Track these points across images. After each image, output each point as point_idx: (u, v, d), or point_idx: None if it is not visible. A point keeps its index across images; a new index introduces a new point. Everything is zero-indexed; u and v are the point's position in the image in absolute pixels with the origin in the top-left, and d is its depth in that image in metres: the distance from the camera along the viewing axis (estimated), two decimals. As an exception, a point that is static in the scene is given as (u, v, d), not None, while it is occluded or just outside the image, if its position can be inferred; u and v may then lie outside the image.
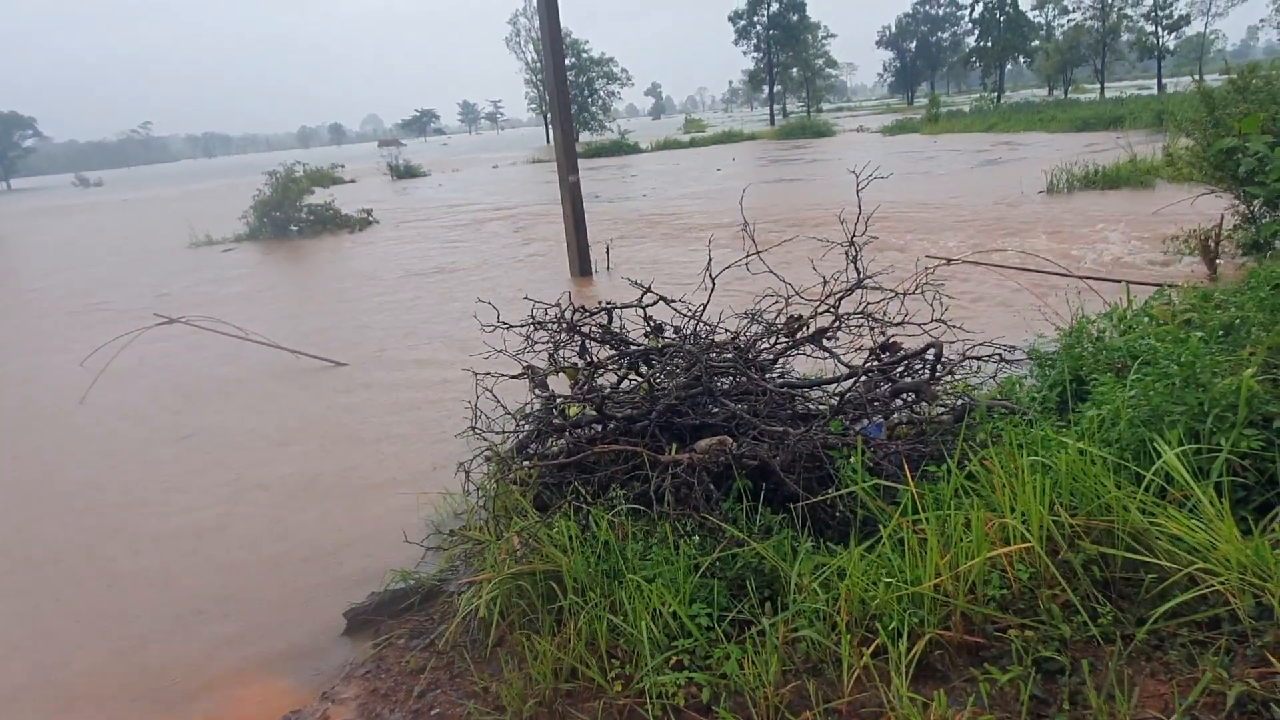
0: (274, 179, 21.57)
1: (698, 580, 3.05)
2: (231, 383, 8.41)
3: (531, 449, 4.34)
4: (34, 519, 5.66)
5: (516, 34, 75.59)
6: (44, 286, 16.94)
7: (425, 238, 18.99)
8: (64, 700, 3.70)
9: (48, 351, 10.60)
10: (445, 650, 3.53)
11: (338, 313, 11.54)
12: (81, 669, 3.91)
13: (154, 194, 55.78)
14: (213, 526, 5.22)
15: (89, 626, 4.26)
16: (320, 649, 3.87)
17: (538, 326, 4.51)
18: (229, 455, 6.44)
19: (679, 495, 3.54)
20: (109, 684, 3.77)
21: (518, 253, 15.45)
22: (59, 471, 6.49)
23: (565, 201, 12.28)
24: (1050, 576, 2.47)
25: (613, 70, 79.97)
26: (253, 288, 14.42)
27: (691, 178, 29.54)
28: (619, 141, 53.38)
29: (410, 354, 8.84)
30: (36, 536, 5.37)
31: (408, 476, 5.57)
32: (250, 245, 20.42)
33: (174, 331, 9.88)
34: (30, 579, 4.83)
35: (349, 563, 4.57)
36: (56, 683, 3.83)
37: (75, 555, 5.05)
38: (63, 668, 3.94)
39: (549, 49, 11.97)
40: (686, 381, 4.14)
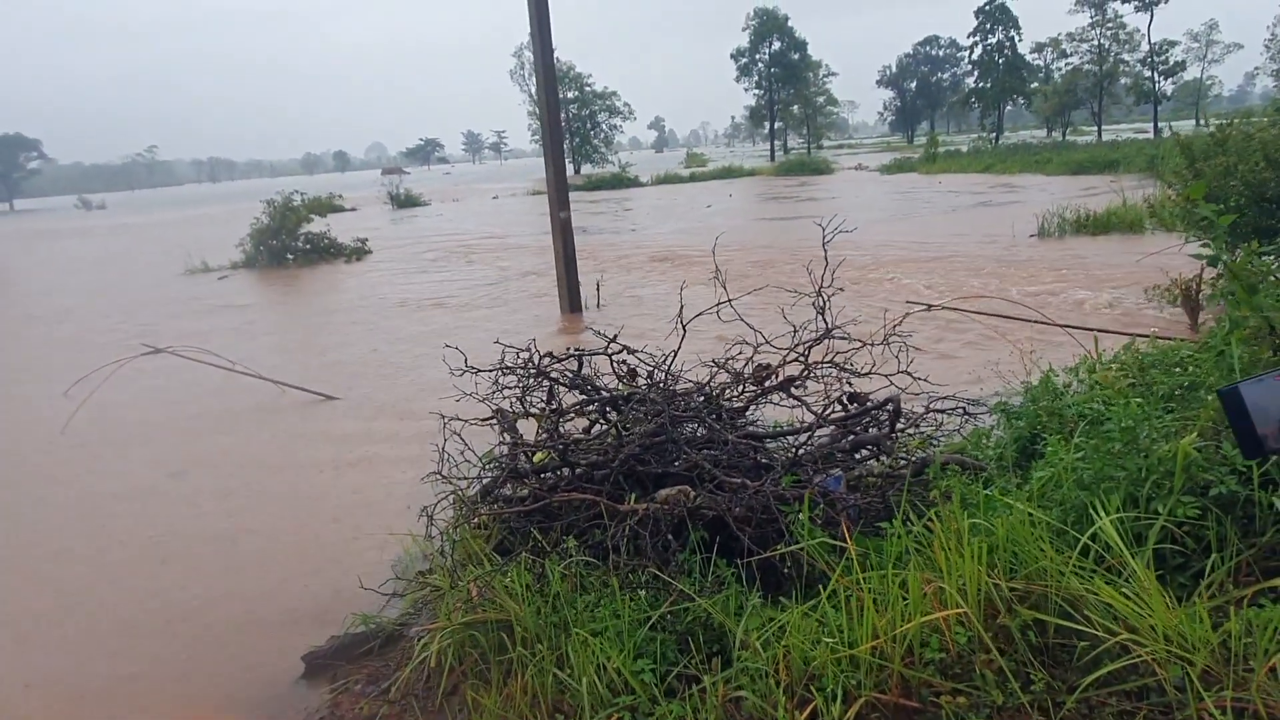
0: (272, 207, 21.74)
1: (647, 634, 3.05)
2: (214, 415, 8.42)
3: (496, 494, 4.36)
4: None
5: (520, 66, 76.43)
6: (31, 311, 17.00)
7: (420, 269, 19.10)
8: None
9: (29, 379, 10.62)
10: (398, 699, 3.52)
11: (326, 345, 11.58)
12: (20, 705, 3.89)
13: (155, 218, 56.10)
14: (175, 562, 5.21)
15: (37, 668, 4.24)
16: (276, 693, 3.86)
17: (506, 371, 4.55)
18: (201, 489, 6.44)
19: (635, 546, 3.56)
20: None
21: (510, 286, 15.54)
22: (31, 500, 6.49)
23: (556, 238, 12.37)
24: (986, 642, 2.49)
25: (615, 104, 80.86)
26: (245, 317, 14.48)
27: (685, 213, 29.76)
28: (620, 175, 53.87)
29: (395, 390, 8.87)
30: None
31: (381, 516, 5.56)
32: (245, 273, 20.52)
33: (161, 361, 9.92)
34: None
35: (312, 604, 4.56)
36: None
37: (28, 590, 5.04)
38: (13, 710, 3.92)
39: (543, 90, 12.14)
40: (651, 429, 4.17)
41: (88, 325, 14.42)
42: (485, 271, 17.88)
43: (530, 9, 11.73)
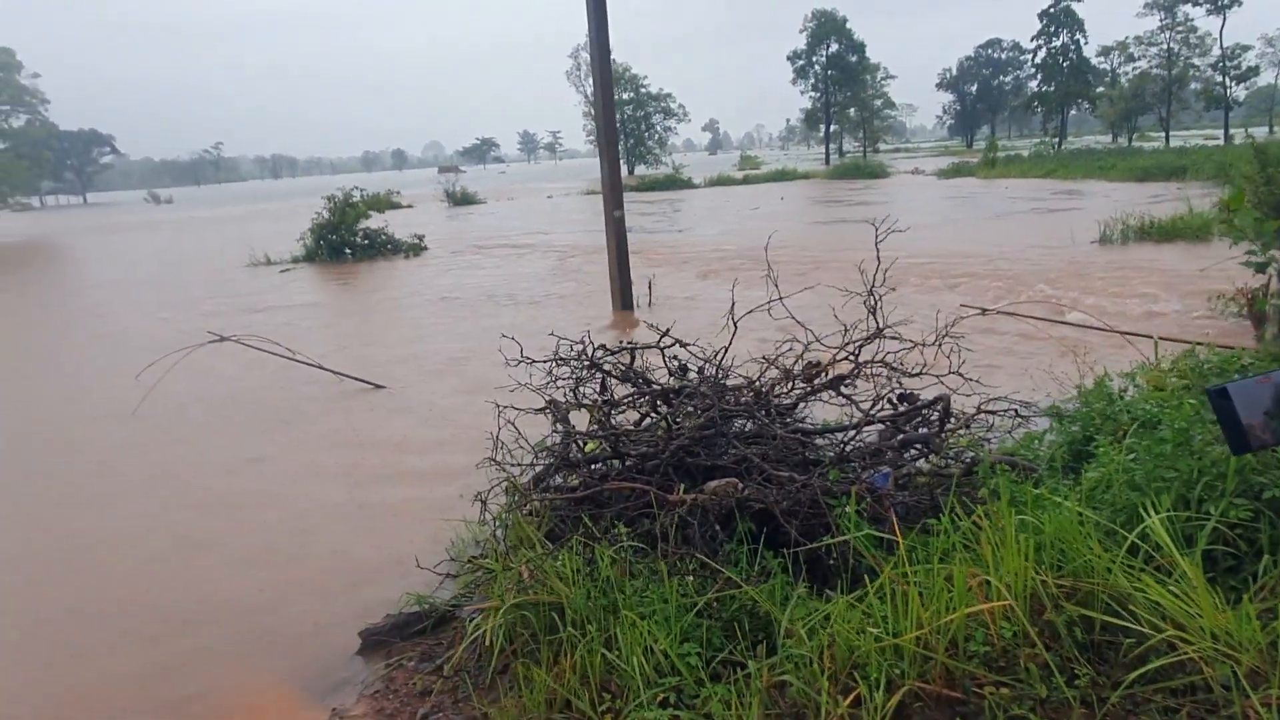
0: (332, 203, 22.24)
1: (692, 620, 3.13)
2: (274, 401, 8.70)
3: (548, 482, 4.47)
4: (64, 524, 5.93)
5: (577, 68, 76.96)
6: (104, 300, 17.67)
7: (474, 266, 19.40)
8: (65, 700, 3.88)
9: (103, 364, 11.07)
10: (451, 675, 3.64)
11: (382, 337, 11.87)
12: (98, 680, 4.09)
13: (220, 213, 57.70)
14: (240, 541, 5.42)
15: (106, 636, 4.45)
16: (334, 666, 4.01)
17: (560, 363, 4.65)
18: (260, 471, 6.68)
19: (683, 535, 3.63)
20: (126, 695, 3.94)
21: (563, 284, 15.71)
22: (100, 479, 6.79)
23: (610, 236, 12.50)
24: (1031, 636, 2.51)
25: (670, 105, 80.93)
26: (304, 309, 14.87)
27: (737, 215, 29.71)
28: (673, 176, 53.92)
29: (449, 381, 9.07)
30: (62, 538, 5.63)
31: (434, 502, 5.71)
32: (306, 267, 21.05)
33: (226, 349, 10.25)
34: (55, 587, 5.06)
35: (369, 583, 4.71)
36: (73, 690, 4.02)
37: (97, 562, 5.29)
38: (69, 672, 4.13)
39: (599, 89, 12.27)
40: (701, 423, 4.24)
41: (156, 314, 14.94)
42: (538, 269, 18.10)
43: (588, 11, 11.87)
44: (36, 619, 4.65)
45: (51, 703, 3.89)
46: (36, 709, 3.85)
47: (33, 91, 48.44)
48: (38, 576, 5.20)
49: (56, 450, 7.78)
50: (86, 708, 3.83)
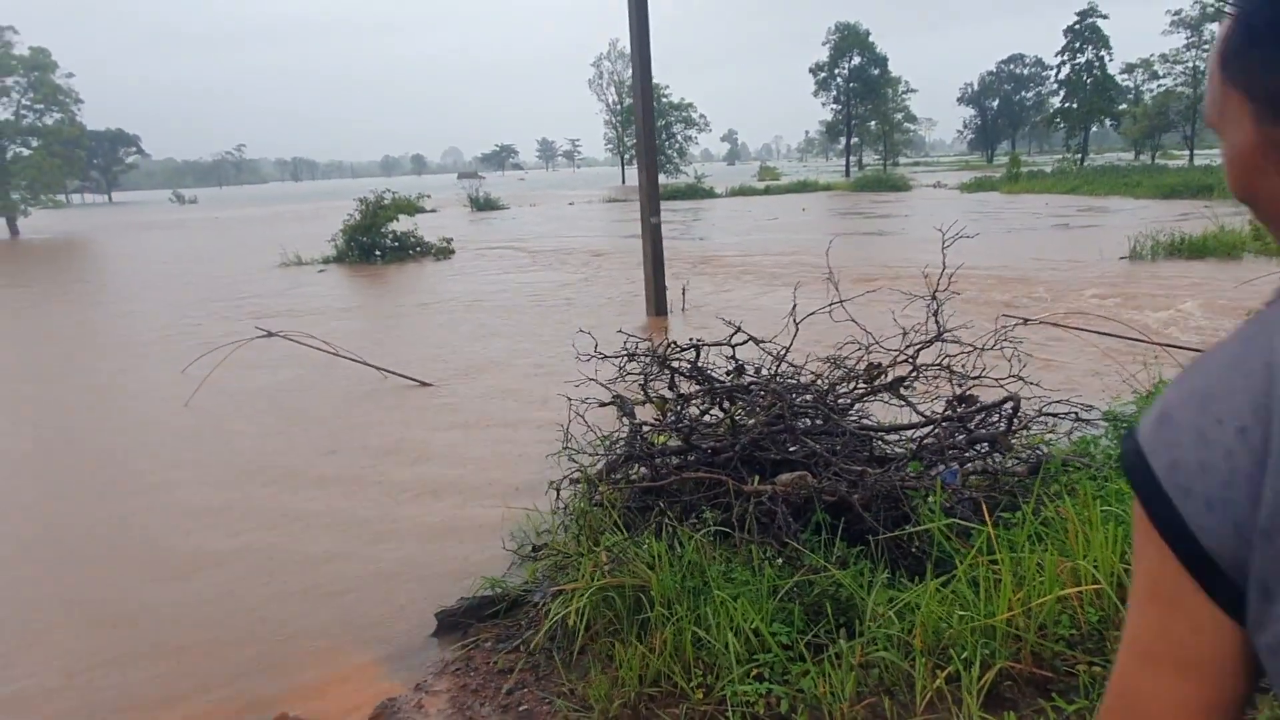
0: (365, 205, 22.51)
1: (776, 604, 3.25)
2: (322, 396, 8.88)
3: (618, 473, 4.60)
4: (143, 510, 6.11)
5: (599, 76, 77.41)
6: (145, 295, 17.97)
7: (503, 269, 19.61)
8: (172, 673, 4.03)
9: (154, 358, 11.29)
10: (532, 654, 3.78)
11: (420, 336, 12.05)
12: (193, 646, 4.25)
13: (244, 213, 58.29)
14: (313, 528, 5.58)
15: (200, 608, 4.62)
16: (413, 645, 4.15)
17: (631, 358, 4.80)
18: (318, 464, 6.84)
19: (760, 523, 3.76)
20: (218, 662, 4.10)
21: (594, 289, 15.87)
22: (167, 469, 6.98)
23: (646, 242, 12.66)
24: (1119, 619, 2.62)
25: (691, 115, 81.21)
26: (342, 307, 15.10)
27: (762, 225, 29.84)
28: (694, 185, 54.12)
29: (490, 377, 9.23)
30: (149, 524, 5.80)
31: (494, 492, 5.86)
32: (337, 268, 21.31)
33: (268, 345, 10.46)
34: (151, 565, 5.23)
35: (439, 569, 4.86)
36: (166, 658, 4.17)
37: (186, 544, 5.46)
38: (175, 644, 4.29)
39: (640, 100, 12.44)
40: (768, 419, 4.37)
41: (197, 310, 15.20)
42: (567, 274, 18.28)
43: (630, 23, 12.06)
44: (123, 593, 4.82)
45: (148, 671, 4.05)
46: (136, 677, 4.01)
47: (66, 91, 49.09)
48: (116, 560, 5.37)
49: (116, 441, 7.98)
50: (181, 674, 3.98)
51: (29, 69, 47.41)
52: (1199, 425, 0.66)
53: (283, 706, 3.70)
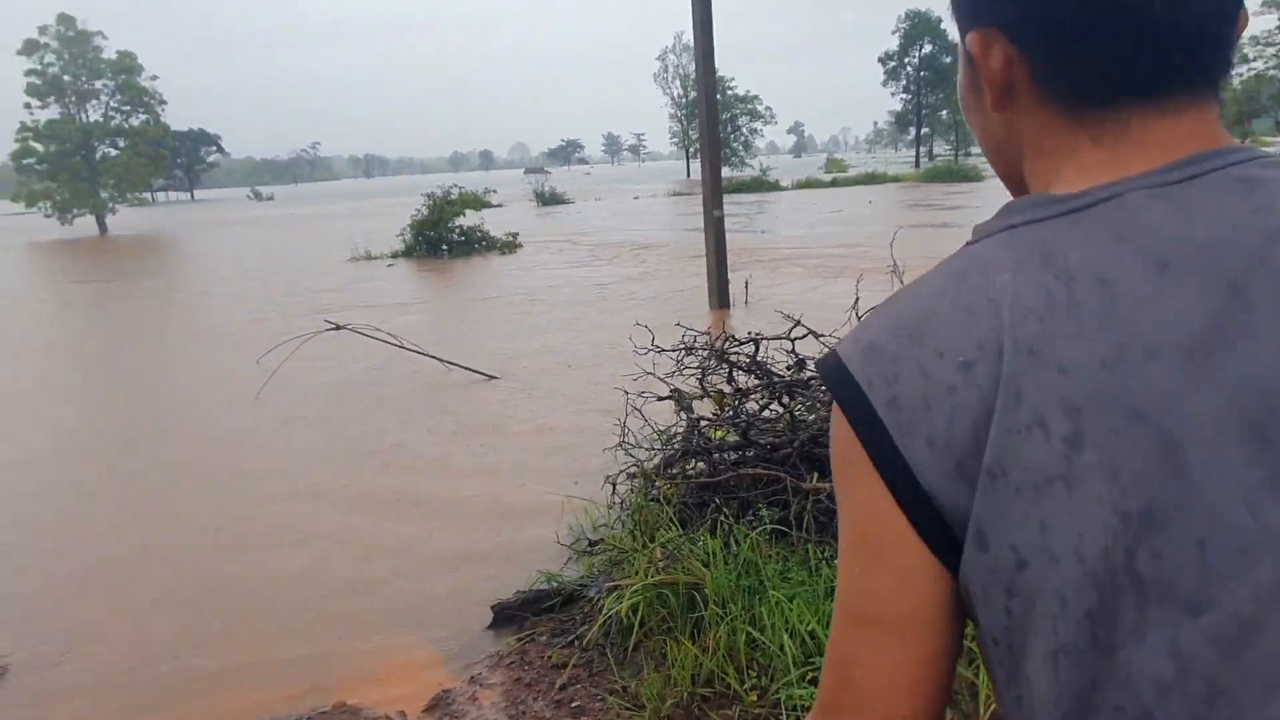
0: (432, 200, 22.86)
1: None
2: (387, 388, 9.03)
3: (675, 468, 4.55)
4: (213, 499, 6.28)
5: (664, 70, 77.26)
6: (222, 289, 18.55)
7: (568, 263, 19.70)
8: (235, 657, 4.12)
9: (228, 350, 11.64)
10: (586, 649, 3.75)
11: (484, 330, 12.17)
12: (255, 631, 4.34)
13: (318, 209, 59.81)
14: (374, 519, 5.66)
15: (264, 594, 4.71)
16: (469, 637, 4.16)
17: (688, 352, 4.73)
18: (382, 456, 6.94)
19: (819, 522, 3.66)
20: (279, 648, 4.17)
21: (657, 282, 15.83)
22: (237, 458, 7.16)
23: (709, 235, 12.56)
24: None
25: (756, 108, 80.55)
26: (409, 301, 15.35)
27: (827, 218, 29.41)
28: (759, 179, 53.68)
29: (554, 372, 9.25)
30: (219, 511, 5.96)
31: (550, 485, 5.86)
32: (405, 263, 21.68)
33: (339, 337, 10.67)
34: (219, 550, 5.37)
35: (496, 561, 4.87)
36: (229, 643, 4.26)
37: (252, 531, 5.59)
38: (238, 629, 4.38)
39: (703, 93, 12.34)
40: (828, 415, 4.26)
41: (271, 303, 15.62)
42: (631, 267, 18.27)
43: (694, 16, 11.96)
44: (191, 577, 4.96)
45: (211, 654, 4.14)
46: (200, 660, 4.11)
47: (151, 92, 51.02)
48: (185, 544, 5.53)
49: (191, 431, 8.23)
50: (244, 659, 4.06)
51: (116, 72, 49.42)
52: (916, 359, 0.63)
53: (341, 694, 3.74)
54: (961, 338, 0.62)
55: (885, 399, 0.64)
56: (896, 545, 0.65)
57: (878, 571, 0.66)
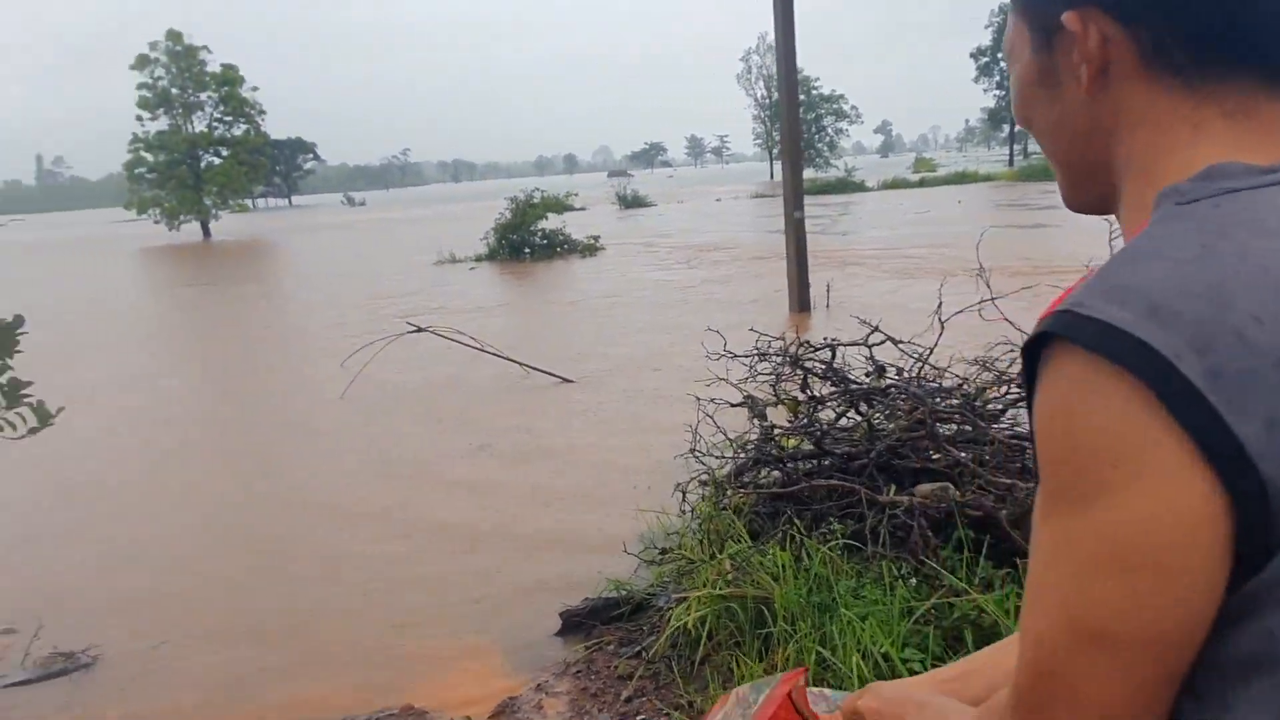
0: (514, 204, 23.16)
1: (909, 626, 3.01)
2: (466, 390, 9.14)
3: (747, 477, 4.44)
4: (295, 498, 6.44)
5: (748, 70, 76.74)
6: (312, 292, 19.16)
7: (648, 265, 19.69)
8: (308, 654, 4.18)
9: (316, 351, 11.98)
10: (653, 661, 3.68)
11: (563, 333, 12.24)
12: (329, 630, 4.40)
13: (407, 214, 61.39)
14: (448, 522, 5.71)
15: (339, 594, 4.79)
16: (536, 644, 4.13)
17: (761, 357, 4.62)
18: (458, 457, 7.01)
19: (895, 537, 3.51)
20: (351, 648, 4.22)
21: (737, 285, 15.68)
22: (318, 458, 7.34)
23: (789, 236, 12.36)
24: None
25: (842, 107, 79.26)
26: (490, 304, 15.57)
27: (917, 218, 28.68)
28: (844, 180, 52.79)
29: (630, 375, 9.22)
30: (300, 510, 6.11)
31: (623, 491, 5.82)
32: (488, 265, 22.02)
33: (421, 339, 10.87)
34: (296, 549, 5.50)
35: (566, 566, 4.84)
36: (303, 639, 4.34)
37: (329, 531, 5.70)
38: (313, 627, 4.45)
39: (784, 93, 12.16)
40: (908, 425, 4.09)
41: (358, 305, 16.06)
42: (711, 270, 18.14)
43: (775, 16, 11.78)
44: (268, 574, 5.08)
45: (285, 649, 4.22)
46: (273, 654, 4.19)
47: (252, 103, 53.22)
48: (265, 542, 5.68)
49: (276, 432, 8.49)
50: (316, 656, 4.13)
51: (220, 84, 51.71)
52: (1230, 323, 0.54)
53: (408, 697, 3.76)
54: (1267, 299, 0.55)
55: (1203, 370, 0.53)
56: (1186, 561, 0.55)
57: (1144, 592, 0.56)
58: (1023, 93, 0.76)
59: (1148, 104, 0.66)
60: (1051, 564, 0.60)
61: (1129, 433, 0.55)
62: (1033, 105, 0.75)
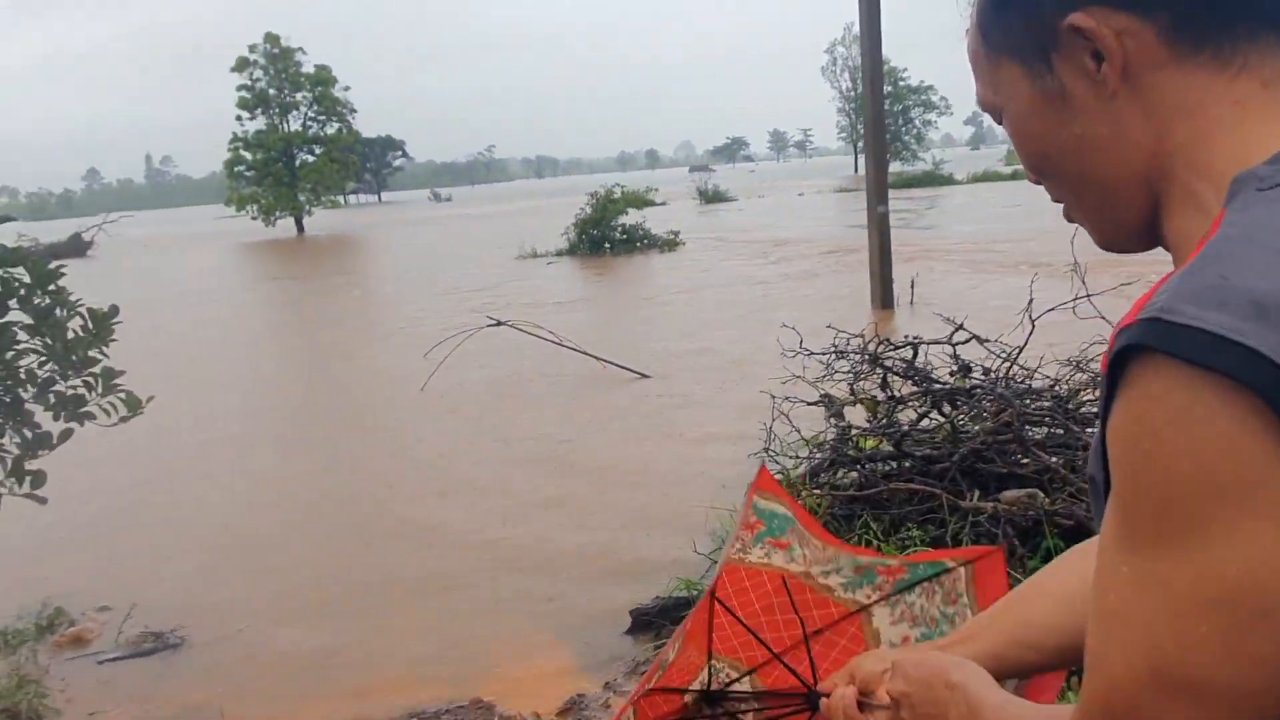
0: (595, 199, 23.27)
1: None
2: (543, 384, 9.20)
3: (823, 478, 4.32)
4: (377, 489, 6.57)
5: (833, 62, 75.51)
6: (398, 286, 19.62)
7: (727, 261, 19.53)
8: (383, 646, 4.24)
9: (399, 344, 12.25)
10: (722, 663, 3.60)
11: (641, 328, 12.22)
12: (403, 622, 4.46)
13: (491, 209, 62.40)
14: (523, 517, 5.73)
15: (414, 588, 4.85)
16: (605, 642, 4.11)
17: (839, 355, 4.49)
18: (530, 452, 7.05)
19: (978, 544, 3.35)
20: (423, 641, 4.26)
21: (818, 281, 15.42)
22: (399, 449, 7.48)
23: (872, 231, 12.08)
24: None
25: (930, 98, 77.29)
26: (570, 298, 15.67)
27: (1007, 212, 27.73)
28: (931, 173, 51.46)
29: (706, 372, 9.14)
30: (380, 501, 6.23)
31: (695, 490, 5.74)
32: (568, 260, 22.18)
33: (501, 333, 10.99)
34: (366, 541, 5.60)
35: (638, 565, 4.81)
36: (380, 632, 4.40)
37: (406, 528, 5.79)
38: (388, 619, 4.52)
39: (869, 84, 11.89)
40: (994, 427, 3.92)
41: (439, 299, 16.37)
42: (791, 266, 17.89)
43: (861, 3, 11.51)
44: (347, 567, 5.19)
45: (361, 640, 4.30)
46: (349, 644, 4.27)
47: (344, 102, 54.87)
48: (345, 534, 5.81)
49: (362, 422, 8.70)
50: (391, 648, 4.19)
51: (314, 85, 53.39)
52: None
53: (477, 690, 3.78)
54: None
55: None
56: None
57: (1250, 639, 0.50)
58: (1030, 130, 0.69)
59: (1181, 91, 0.61)
60: (1135, 601, 0.54)
61: (1240, 459, 0.48)
62: (1045, 138, 0.68)
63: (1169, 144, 0.62)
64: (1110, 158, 0.65)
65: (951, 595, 1.44)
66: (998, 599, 1.31)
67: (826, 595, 1.49)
